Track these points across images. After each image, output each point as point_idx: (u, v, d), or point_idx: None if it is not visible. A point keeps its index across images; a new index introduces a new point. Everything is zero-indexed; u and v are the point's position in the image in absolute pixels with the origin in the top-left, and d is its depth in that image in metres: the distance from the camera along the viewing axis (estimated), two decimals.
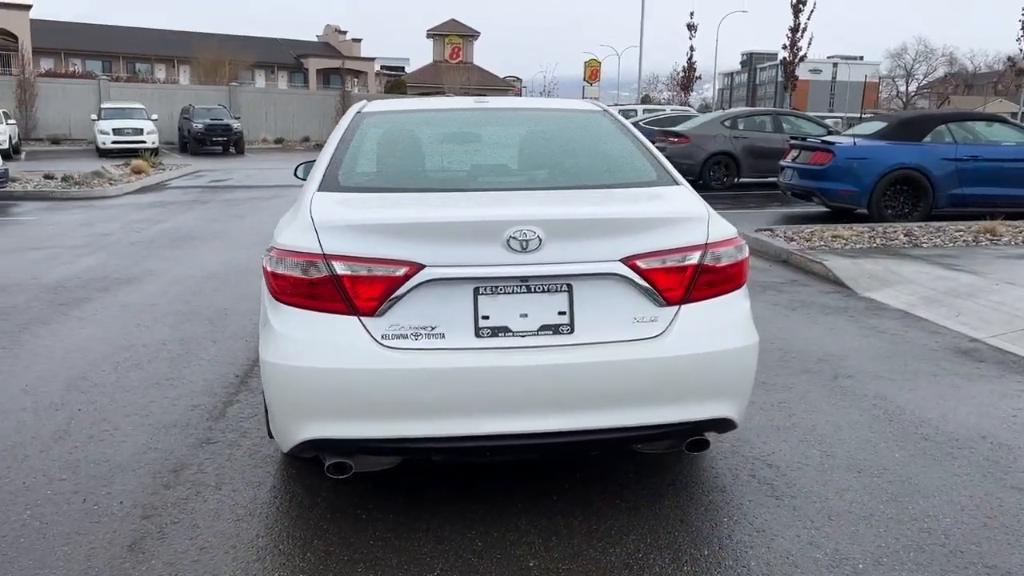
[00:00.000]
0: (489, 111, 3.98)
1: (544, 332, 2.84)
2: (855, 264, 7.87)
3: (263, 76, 63.63)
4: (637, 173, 3.44)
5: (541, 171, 3.58)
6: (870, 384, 4.71)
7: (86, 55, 56.79)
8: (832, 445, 3.85)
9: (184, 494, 3.34)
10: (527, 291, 2.83)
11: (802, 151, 11.74)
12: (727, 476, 3.52)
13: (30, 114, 35.10)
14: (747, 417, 4.17)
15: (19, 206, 14.07)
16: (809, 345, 5.51)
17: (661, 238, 2.91)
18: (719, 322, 2.97)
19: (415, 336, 2.79)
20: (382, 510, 3.19)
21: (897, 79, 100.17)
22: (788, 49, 30.84)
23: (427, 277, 2.76)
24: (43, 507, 3.23)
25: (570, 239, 2.82)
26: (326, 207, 2.98)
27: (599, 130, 3.81)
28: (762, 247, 9.15)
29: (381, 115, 3.86)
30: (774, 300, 6.85)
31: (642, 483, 3.43)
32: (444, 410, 2.77)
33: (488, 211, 2.87)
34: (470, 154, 3.71)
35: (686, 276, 2.92)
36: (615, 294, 2.88)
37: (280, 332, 2.84)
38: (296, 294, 2.82)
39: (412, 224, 2.80)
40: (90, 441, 3.87)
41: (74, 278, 7.73)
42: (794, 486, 3.43)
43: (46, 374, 4.86)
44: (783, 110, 19.76)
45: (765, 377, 4.82)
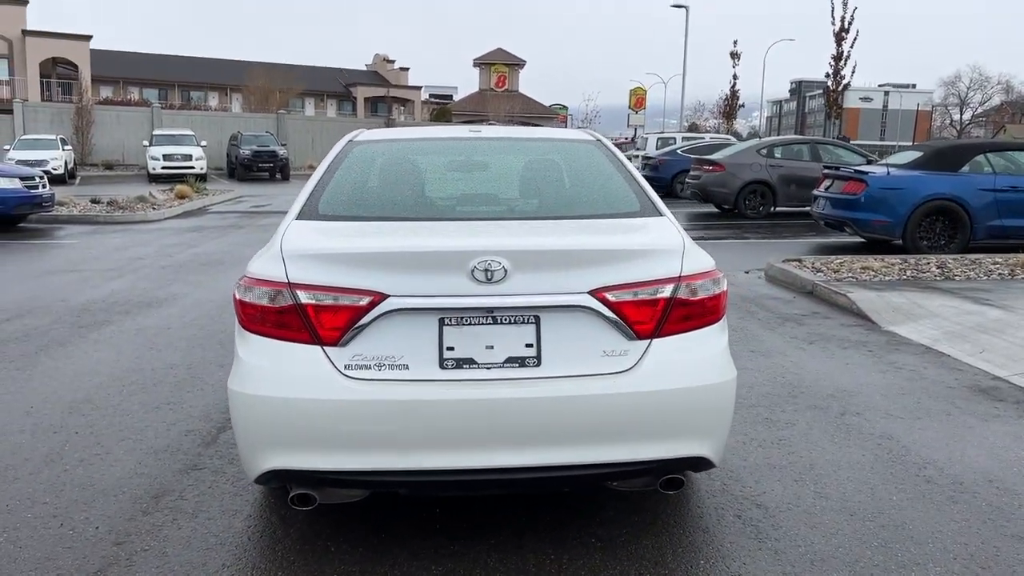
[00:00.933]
0: (481, 141, 3.97)
1: (510, 364, 2.79)
2: (880, 297, 7.67)
3: (312, 104, 64.91)
4: (620, 204, 3.39)
5: (523, 201, 3.54)
6: (878, 422, 4.55)
7: (143, 83, 58.57)
8: (827, 486, 3.71)
9: (160, 521, 3.34)
10: (493, 322, 2.79)
11: (835, 180, 11.54)
12: (712, 516, 3.41)
13: (86, 140, 36.25)
14: (743, 454, 4.06)
15: (63, 229, 14.46)
16: (821, 380, 5.36)
17: (632, 270, 2.85)
18: (693, 357, 2.89)
19: (379, 367, 2.76)
20: (351, 543, 3.15)
21: (951, 107, 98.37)
22: (832, 78, 30.48)
23: (391, 307, 2.74)
24: (20, 531, 3.25)
25: (537, 270, 2.78)
26: (297, 236, 2.98)
27: (588, 160, 3.77)
28: (788, 278, 8.98)
29: (371, 144, 3.87)
30: (792, 333, 6.69)
31: (621, 521, 3.34)
32: (407, 443, 2.73)
33: (453, 241, 2.84)
34: (455, 183, 3.70)
35: (658, 309, 2.85)
36: (584, 327, 2.82)
37: (245, 361, 2.83)
38: (262, 323, 2.82)
39: (375, 253, 2.79)
40: (80, 464, 3.91)
41: (100, 301, 7.89)
42: (780, 528, 3.31)
43: (52, 396, 4.94)
44: (820, 139, 19.49)
45: (769, 413, 4.69)
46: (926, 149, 11.64)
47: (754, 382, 5.29)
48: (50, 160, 27.80)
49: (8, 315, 7.21)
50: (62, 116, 36.50)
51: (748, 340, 6.42)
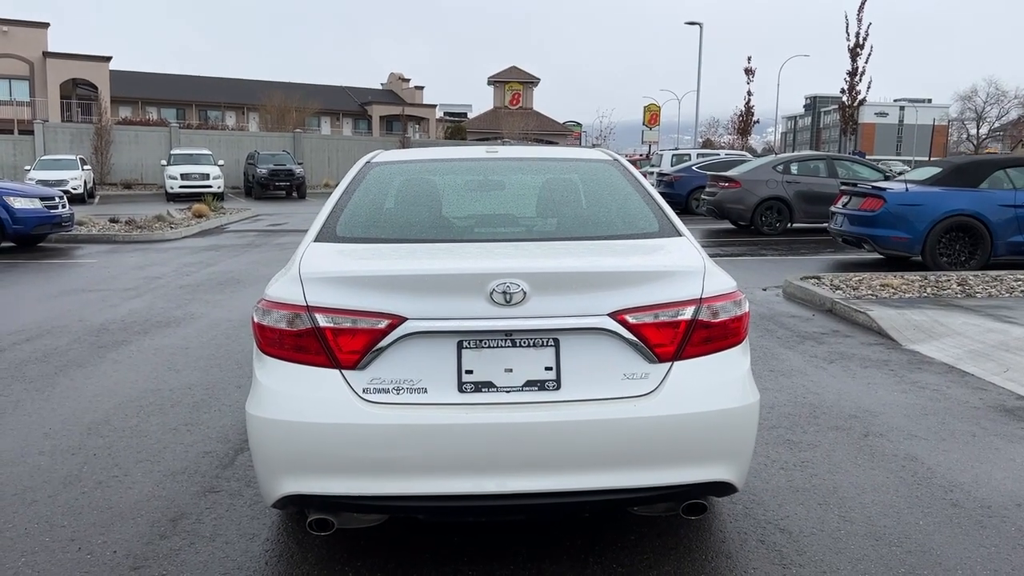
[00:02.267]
0: (498, 161, 3.96)
1: (529, 388, 2.76)
2: (901, 315, 7.59)
3: (328, 123, 65.39)
4: (639, 224, 3.37)
5: (541, 222, 3.53)
6: (902, 444, 4.48)
7: (161, 103, 59.24)
8: (852, 509, 3.65)
9: (178, 545, 3.32)
10: (512, 345, 2.76)
11: (853, 197, 11.47)
12: (735, 540, 3.36)
13: (105, 160, 36.67)
14: (765, 477, 4.00)
15: (82, 249, 14.58)
16: (842, 400, 5.29)
17: (653, 292, 2.82)
18: (715, 380, 2.85)
19: (397, 391, 2.74)
20: (371, 569, 3.12)
21: (967, 122, 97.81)
22: (847, 93, 30.41)
23: (409, 330, 2.72)
24: (38, 555, 3.24)
25: (556, 292, 2.76)
26: (316, 258, 2.97)
27: (606, 180, 3.75)
28: (807, 295, 8.90)
29: (388, 165, 3.87)
30: (812, 352, 6.62)
31: (643, 546, 3.29)
32: (426, 467, 2.70)
33: (471, 263, 2.83)
34: (472, 204, 3.68)
35: (679, 332, 2.82)
36: (604, 350, 2.79)
37: (263, 384, 2.82)
38: (280, 346, 2.81)
39: (394, 276, 2.77)
40: (98, 487, 3.90)
41: (118, 321, 7.93)
42: (804, 553, 3.25)
43: (70, 418, 4.95)
44: (837, 154, 19.41)
45: (791, 434, 4.63)
46: (945, 165, 11.55)
47: (775, 402, 5.23)
48: (70, 180, 28.17)
49: (28, 335, 7.26)
50: (82, 136, 36.94)
51: (767, 359, 6.35)
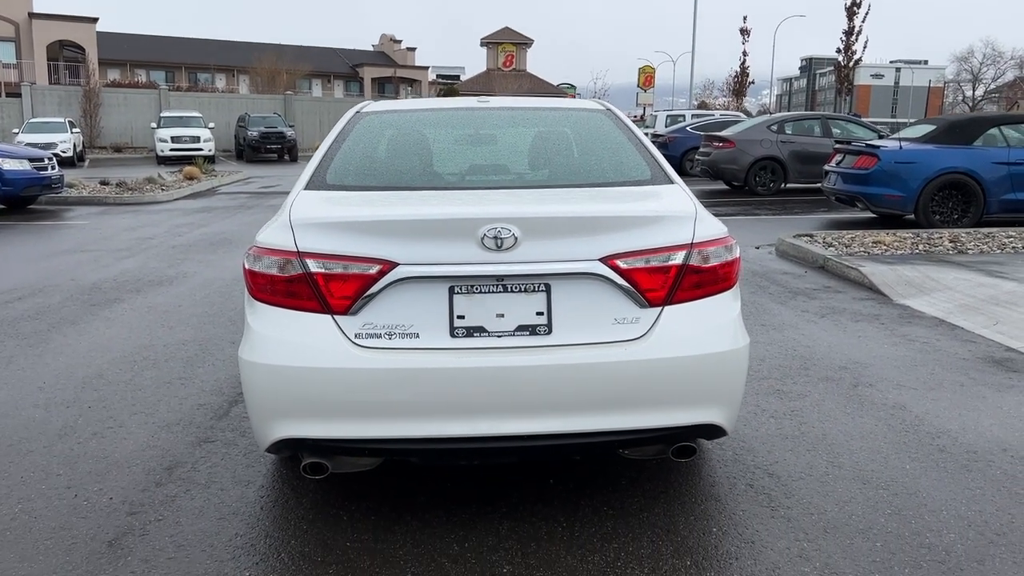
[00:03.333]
0: (490, 110, 3.94)
1: (521, 333, 2.77)
2: (892, 270, 7.62)
3: (320, 85, 64.69)
4: (631, 172, 3.36)
5: (532, 170, 3.52)
6: (890, 393, 4.53)
7: (150, 66, 58.45)
8: (840, 455, 3.70)
9: (173, 492, 3.35)
10: (504, 290, 2.77)
11: (846, 155, 11.44)
12: (724, 485, 3.40)
13: (94, 123, 36.25)
14: (755, 425, 4.04)
15: (73, 211, 14.50)
16: (833, 353, 5.33)
17: (643, 237, 2.82)
18: (705, 324, 2.87)
19: (389, 335, 2.75)
20: (365, 512, 3.16)
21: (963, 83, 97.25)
22: (843, 53, 30.18)
23: (400, 275, 2.72)
24: (35, 501, 3.27)
25: (547, 238, 2.76)
26: (306, 205, 2.97)
27: (598, 129, 3.74)
28: (799, 253, 8.92)
29: (378, 114, 3.84)
30: (804, 307, 6.65)
31: (634, 490, 3.34)
32: (418, 411, 2.72)
33: (462, 208, 2.82)
34: (463, 153, 3.67)
35: (670, 276, 2.83)
36: (595, 294, 2.80)
37: (256, 330, 2.83)
38: (272, 292, 2.81)
39: (384, 221, 2.77)
40: (93, 438, 3.93)
41: (110, 280, 7.91)
42: (792, 496, 3.30)
43: (64, 372, 4.96)
44: (832, 114, 19.31)
45: (781, 385, 4.67)
46: (939, 123, 11.52)
47: (766, 355, 5.27)
48: (59, 143, 27.86)
49: (20, 294, 7.24)
50: (70, 99, 36.50)
51: (759, 314, 6.38)
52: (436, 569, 2.77)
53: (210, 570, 2.77)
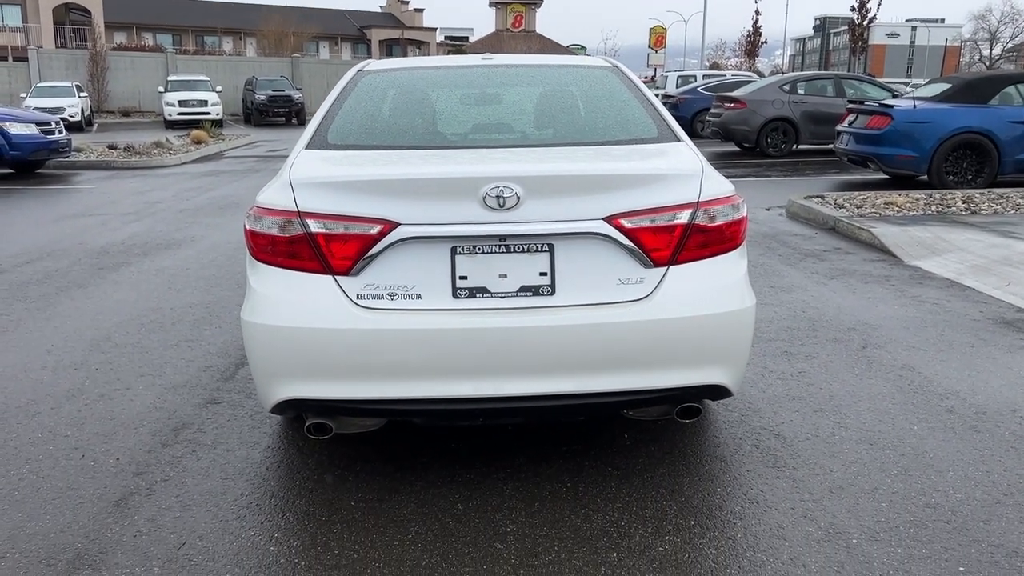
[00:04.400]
0: (494, 68, 3.87)
1: (524, 293, 2.74)
2: (904, 231, 7.53)
3: (327, 47, 64.18)
4: (637, 129, 3.30)
5: (537, 128, 3.46)
6: (900, 354, 4.50)
7: (157, 28, 58.06)
8: (847, 416, 3.68)
9: (180, 452, 3.37)
10: (506, 251, 2.74)
11: (859, 115, 11.27)
12: (729, 445, 3.39)
13: (102, 87, 36.12)
14: (762, 387, 4.02)
15: (81, 175, 14.49)
16: (842, 314, 5.29)
17: (648, 196, 2.78)
18: (711, 284, 2.84)
19: (391, 296, 2.73)
20: (370, 472, 3.17)
21: (980, 43, 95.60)
22: (857, 12, 29.64)
23: (402, 236, 2.69)
24: (43, 462, 3.29)
25: (550, 197, 2.72)
26: (306, 165, 2.93)
27: (605, 86, 3.67)
28: (810, 214, 8.83)
29: (380, 73, 3.78)
30: (814, 268, 6.60)
31: (638, 450, 3.33)
32: (421, 372, 2.71)
33: (464, 168, 2.78)
34: (467, 111, 3.61)
35: (675, 236, 2.79)
36: (599, 254, 2.77)
37: (257, 291, 2.81)
38: (273, 252, 2.79)
39: (385, 181, 2.73)
40: (100, 400, 3.94)
41: (118, 244, 7.91)
42: (798, 457, 3.28)
43: (72, 335, 4.98)
44: (845, 74, 19.02)
45: (789, 347, 4.64)
46: (955, 81, 11.32)
47: (774, 316, 5.23)
48: (67, 107, 27.77)
49: (28, 258, 7.26)
50: (77, 63, 36.33)
51: (768, 275, 6.34)
52: (440, 528, 2.78)
53: (215, 529, 2.78)
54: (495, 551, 2.65)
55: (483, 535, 2.74)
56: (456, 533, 2.75)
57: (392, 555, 2.63)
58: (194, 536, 2.74)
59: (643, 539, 2.71)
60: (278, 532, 2.77)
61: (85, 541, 2.71)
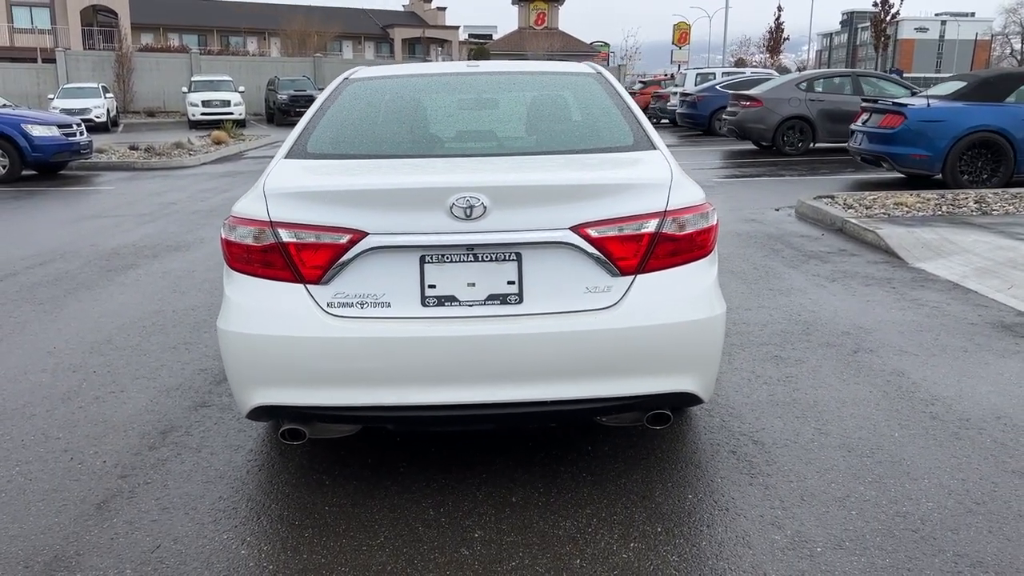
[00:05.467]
0: (478, 76, 3.91)
1: (492, 302, 2.78)
2: (910, 233, 7.47)
3: (350, 47, 64.55)
4: (612, 138, 3.33)
5: (513, 136, 3.49)
6: (891, 359, 4.48)
7: (183, 29, 58.73)
8: (829, 422, 3.68)
9: (165, 455, 3.44)
10: (474, 260, 2.78)
11: (873, 114, 11.17)
12: (706, 451, 3.41)
13: (127, 88, 36.64)
14: (747, 392, 4.03)
15: (102, 176, 14.72)
16: (838, 318, 5.27)
17: (616, 205, 2.80)
18: (679, 293, 2.86)
19: (361, 304, 2.78)
20: (347, 477, 3.22)
21: (1012, 36, 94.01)
22: (880, 6, 29.30)
23: (371, 245, 2.74)
24: (32, 464, 3.38)
25: (517, 207, 2.75)
26: (281, 175, 2.99)
27: (586, 94, 3.70)
28: (818, 215, 8.78)
29: (365, 81, 3.84)
30: (815, 270, 6.57)
31: (615, 457, 3.35)
32: (391, 379, 2.76)
33: (431, 178, 2.82)
34: (447, 120, 3.65)
35: (642, 245, 2.81)
36: (566, 263, 2.80)
37: (232, 299, 2.87)
38: (247, 262, 2.85)
39: (354, 191, 2.78)
40: (94, 402, 4.03)
41: (130, 245, 8.05)
42: (774, 464, 3.29)
43: (74, 337, 5.08)
44: (864, 71, 18.83)
45: (780, 351, 4.64)
46: (970, 79, 11.18)
47: (768, 320, 5.23)
48: (93, 108, 28.25)
49: (41, 259, 7.41)
50: (103, 64, 36.86)
51: (769, 278, 6.32)
52: (409, 533, 2.83)
53: (190, 532, 2.85)
54: (460, 556, 2.69)
55: (450, 540, 2.78)
56: (424, 538, 2.80)
57: (359, 560, 2.68)
58: (169, 539, 2.81)
59: (608, 546, 2.74)
60: (251, 536, 2.83)
61: (64, 543, 2.79)
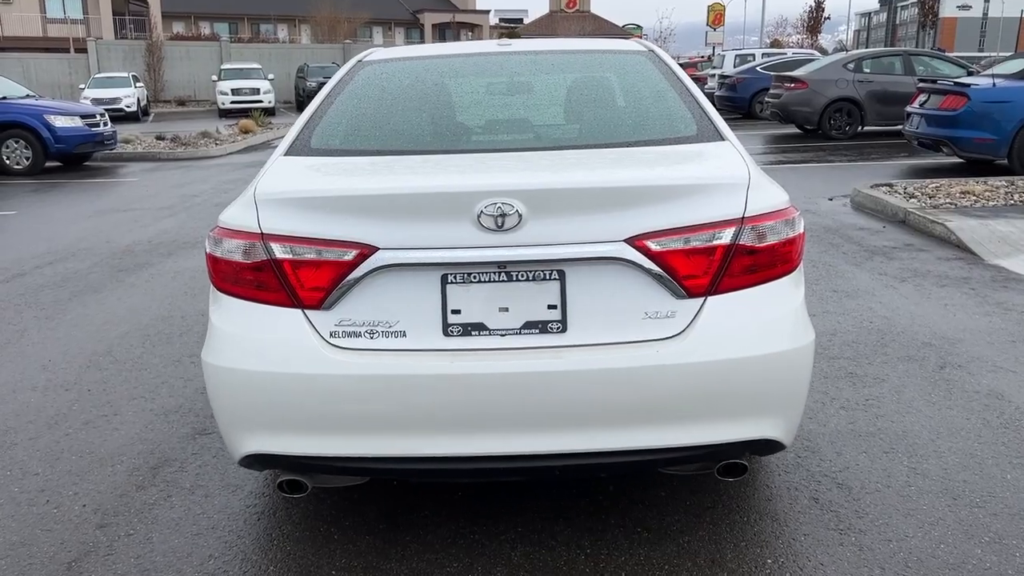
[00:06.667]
0: (511, 55, 3.39)
1: (529, 331, 2.28)
2: (984, 225, 6.82)
3: (381, 33, 64.07)
4: (673, 127, 2.79)
5: (553, 127, 2.97)
6: (984, 378, 3.90)
7: (213, 17, 58.62)
8: (924, 459, 3.13)
9: (153, 498, 2.99)
10: (507, 279, 2.27)
11: (931, 95, 10.45)
12: (783, 498, 2.88)
13: (158, 77, 36.51)
14: (822, 419, 3.49)
15: (127, 167, 14.42)
16: (915, 325, 4.69)
17: (681, 211, 2.28)
18: (759, 318, 2.32)
19: (370, 334, 2.29)
20: (358, 530, 2.74)
21: None
22: None
23: (381, 262, 2.25)
24: (3, 508, 2.95)
25: (559, 214, 2.24)
26: (277, 176, 2.50)
27: (638, 75, 3.16)
28: (877, 205, 8.14)
29: (382, 64, 3.34)
30: (882, 268, 5.97)
31: (674, 507, 2.84)
32: (407, 425, 2.27)
33: (454, 180, 2.31)
34: (474, 108, 3.13)
35: (715, 260, 2.29)
36: (620, 283, 2.28)
37: (218, 327, 2.40)
38: (235, 282, 2.37)
39: (360, 196, 2.28)
40: (83, 428, 3.60)
41: (144, 242, 7.65)
42: (866, 516, 2.76)
43: (73, 348, 4.67)
44: (915, 49, 17.95)
45: (855, 367, 4.08)
46: None
47: (837, 328, 4.66)
48: (123, 98, 28.14)
49: (52, 258, 7.03)
50: (134, 53, 36.76)
51: (831, 277, 5.74)
52: None
53: None
54: None
55: None
56: None
57: None
58: None
59: None
60: None
61: None
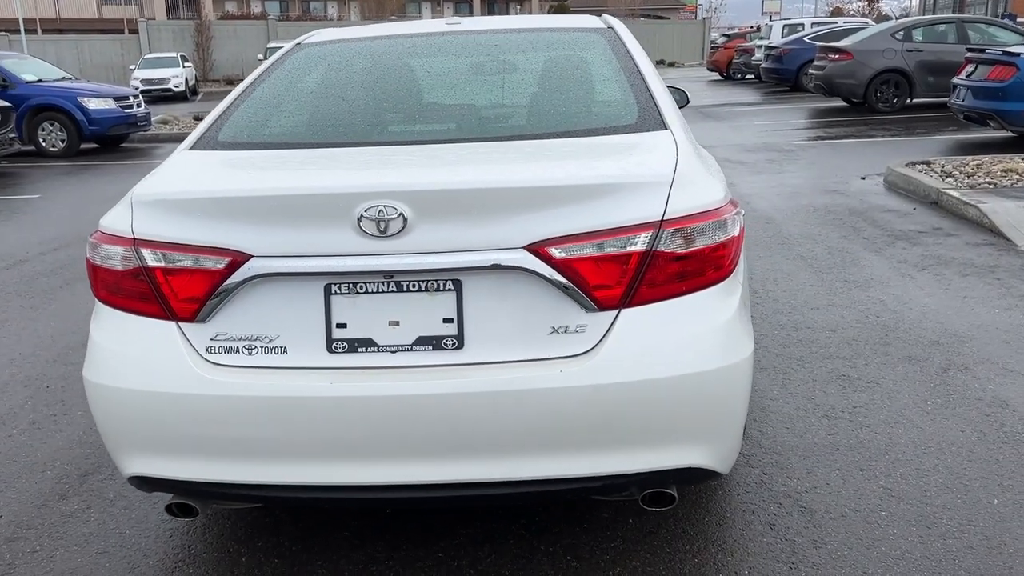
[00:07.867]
0: (456, 36, 3.13)
1: (421, 347, 2.05)
2: (1021, 208, 6.34)
3: (429, 8, 63.81)
4: (611, 115, 2.52)
5: (480, 117, 2.71)
6: (990, 382, 3.55)
7: None
8: (904, 478, 2.82)
9: (73, 509, 2.86)
10: (396, 290, 2.04)
11: (979, 65, 9.83)
12: (736, 523, 2.61)
13: (207, 56, 36.83)
14: (800, 429, 3.20)
15: (162, 148, 14.49)
16: (926, 320, 4.32)
17: (592, 214, 2.02)
18: (682, 333, 2.06)
19: (248, 350, 2.09)
20: (268, 552, 2.56)
21: None
22: None
23: (256, 271, 2.04)
24: None
25: (452, 218, 2.00)
26: (164, 174, 2.31)
27: (588, 57, 2.89)
28: (910, 185, 7.66)
29: (319, 47, 3.11)
30: (902, 255, 5.57)
31: (613, 532, 2.59)
32: (291, 451, 2.07)
33: (330, 180, 2.08)
34: (404, 94, 2.88)
35: (629, 268, 2.02)
36: (522, 295, 2.04)
37: (95, 340, 2.22)
38: (113, 291, 2.19)
39: (231, 199, 2.06)
40: (28, 429, 3.49)
41: None
42: (823, 546, 2.48)
43: (46, 340, 4.59)
44: (971, 16, 17.02)
45: (849, 368, 3.76)
46: None
47: (838, 324, 4.32)
48: (171, 77, 28.44)
49: (57, 244, 7.02)
50: (183, 33, 37.13)
51: (844, 266, 5.37)
52: None
53: None
54: None
55: None
56: None
57: None
58: None
59: None
60: None
61: None
